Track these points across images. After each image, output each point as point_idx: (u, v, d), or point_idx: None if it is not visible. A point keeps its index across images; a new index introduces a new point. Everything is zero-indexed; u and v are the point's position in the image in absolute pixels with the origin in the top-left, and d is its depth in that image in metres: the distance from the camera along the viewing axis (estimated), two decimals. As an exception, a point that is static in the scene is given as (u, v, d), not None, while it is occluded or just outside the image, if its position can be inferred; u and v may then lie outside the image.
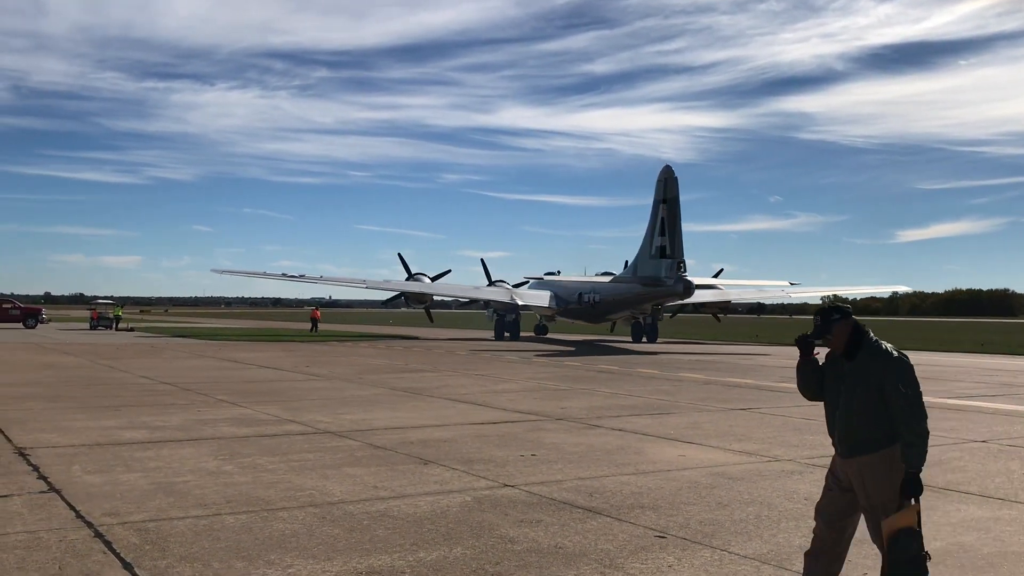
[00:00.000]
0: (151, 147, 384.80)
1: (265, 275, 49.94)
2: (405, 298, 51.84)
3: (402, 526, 7.10)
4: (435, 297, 53.28)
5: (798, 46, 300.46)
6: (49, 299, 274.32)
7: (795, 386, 5.58)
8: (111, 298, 76.12)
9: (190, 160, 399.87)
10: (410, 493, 8.37)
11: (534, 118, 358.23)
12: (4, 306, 59.08)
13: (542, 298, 49.47)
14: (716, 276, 49.70)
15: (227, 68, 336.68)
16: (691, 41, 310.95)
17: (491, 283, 52.51)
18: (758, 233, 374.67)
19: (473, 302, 53.14)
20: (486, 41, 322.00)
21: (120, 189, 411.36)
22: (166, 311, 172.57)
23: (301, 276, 48.92)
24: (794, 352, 5.38)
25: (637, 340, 46.28)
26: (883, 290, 75.11)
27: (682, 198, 39.48)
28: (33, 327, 56.65)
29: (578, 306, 46.92)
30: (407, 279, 50.27)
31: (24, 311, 58.85)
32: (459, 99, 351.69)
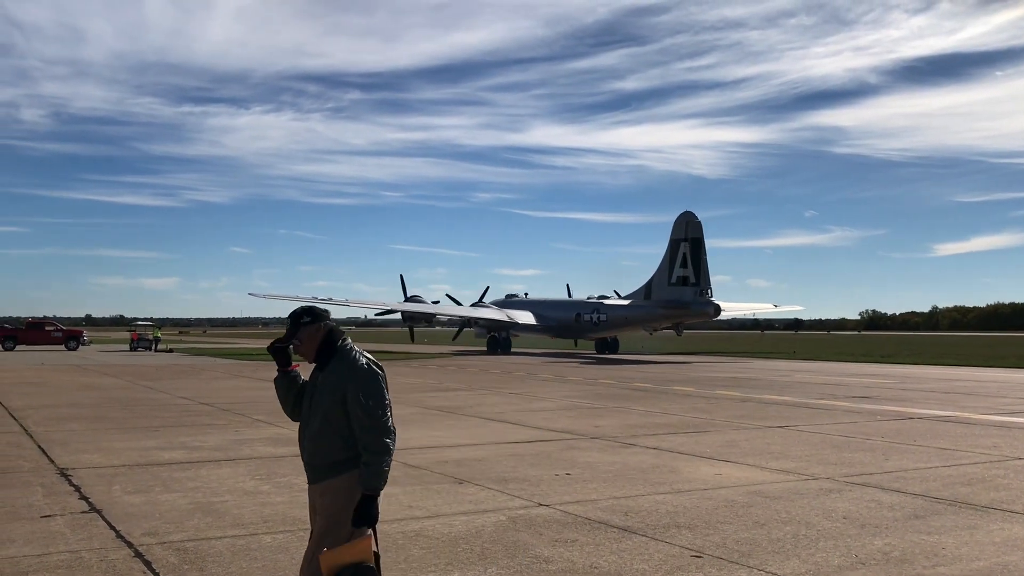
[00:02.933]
0: (188, 170, 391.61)
1: (297, 298, 54.02)
2: (408, 317, 58.44)
3: (437, 546, 7.11)
4: (437, 316, 59.55)
5: (830, 60, 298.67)
6: (90, 321, 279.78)
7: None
8: (150, 320, 77.23)
9: (227, 183, 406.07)
10: (445, 512, 8.39)
11: (565, 136, 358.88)
12: (47, 328, 60.16)
13: (527, 316, 56.08)
14: (569, 294, 58.40)
15: (262, 91, 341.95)
16: (721, 57, 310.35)
17: (473, 304, 58.54)
18: (793, 248, 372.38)
19: (475, 321, 57.85)
20: (517, 61, 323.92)
21: (159, 212, 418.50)
22: (204, 332, 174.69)
23: (329, 299, 53.93)
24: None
25: (601, 352, 54.78)
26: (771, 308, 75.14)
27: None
28: (75, 349, 57.59)
29: (574, 323, 53.58)
30: (405, 300, 56.81)
31: (66, 333, 59.84)
32: (490, 119, 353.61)
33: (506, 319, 55.47)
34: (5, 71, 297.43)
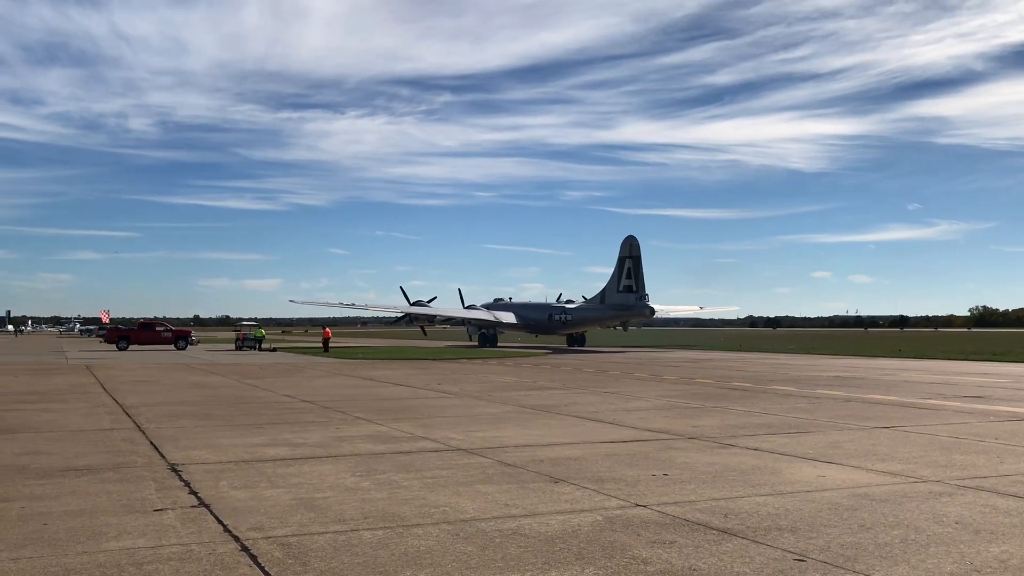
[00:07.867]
0: (287, 175, 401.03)
1: (328, 304, 73.45)
2: (412, 318, 67.55)
3: (534, 544, 7.11)
4: (437, 317, 69.32)
5: (931, 47, 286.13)
6: (198, 321, 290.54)
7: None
8: (254, 320, 79.80)
9: (324, 186, 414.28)
10: (541, 511, 8.39)
11: (656, 132, 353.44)
12: (157, 329, 62.67)
13: (510, 317, 66.41)
14: (558, 299, 67.53)
15: (356, 96, 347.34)
16: (817, 48, 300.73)
17: (466, 307, 69.16)
18: (897, 243, 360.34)
19: (468, 320, 68.71)
20: (606, 58, 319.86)
21: (260, 215, 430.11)
22: (306, 331, 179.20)
23: (352, 304, 69.62)
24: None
25: (571, 346, 65.73)
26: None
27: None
28: (183, 348, 59.84)
29: (547, 322, 64.67)
30: (411, 305, 66.66)
31: (175, 333, 62.25)
32: (580, 117, 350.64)
33: (493, 319, 66.18)
34: (115, 83, 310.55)
